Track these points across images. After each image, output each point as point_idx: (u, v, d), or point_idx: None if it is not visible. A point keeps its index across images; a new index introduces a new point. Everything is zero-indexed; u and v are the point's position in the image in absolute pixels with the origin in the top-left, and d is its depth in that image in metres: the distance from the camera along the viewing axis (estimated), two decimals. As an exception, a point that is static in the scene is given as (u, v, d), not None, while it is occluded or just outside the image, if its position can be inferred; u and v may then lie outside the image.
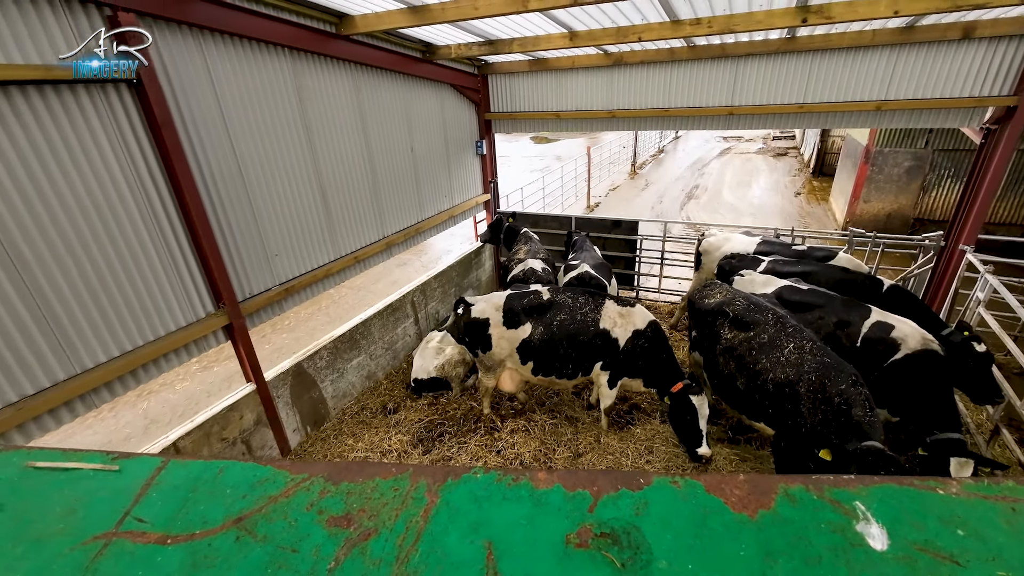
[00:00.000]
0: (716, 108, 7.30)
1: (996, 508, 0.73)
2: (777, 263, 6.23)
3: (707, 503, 0.78)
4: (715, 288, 5.34)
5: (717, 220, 16.06)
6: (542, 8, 4.46)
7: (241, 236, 4.88)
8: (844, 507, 0.75)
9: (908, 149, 12.41)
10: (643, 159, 26.76)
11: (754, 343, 4.49)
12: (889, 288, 5.52)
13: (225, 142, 4.58)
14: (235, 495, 0.87)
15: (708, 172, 23.41)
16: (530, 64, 8.22)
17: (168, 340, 4.33)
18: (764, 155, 27.21)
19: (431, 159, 7.76)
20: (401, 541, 0.76)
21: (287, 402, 5.63)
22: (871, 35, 6.14)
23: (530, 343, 5.21)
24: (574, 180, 19.07)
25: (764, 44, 6.68)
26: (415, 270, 12.86)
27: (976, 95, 6.06)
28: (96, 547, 0.79)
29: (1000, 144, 6.01)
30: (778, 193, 19.11)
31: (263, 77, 4.79)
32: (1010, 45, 5.76)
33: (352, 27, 5.45)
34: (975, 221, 6.41)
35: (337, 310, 10.96)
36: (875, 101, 6.47)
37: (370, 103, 6.28)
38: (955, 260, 6.61)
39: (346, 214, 6.17)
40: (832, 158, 19.68)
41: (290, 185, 5.32)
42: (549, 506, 0.80)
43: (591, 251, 7.66)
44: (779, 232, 8.01)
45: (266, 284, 5.24)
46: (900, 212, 13.01)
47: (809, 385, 3.99)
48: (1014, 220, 12.08)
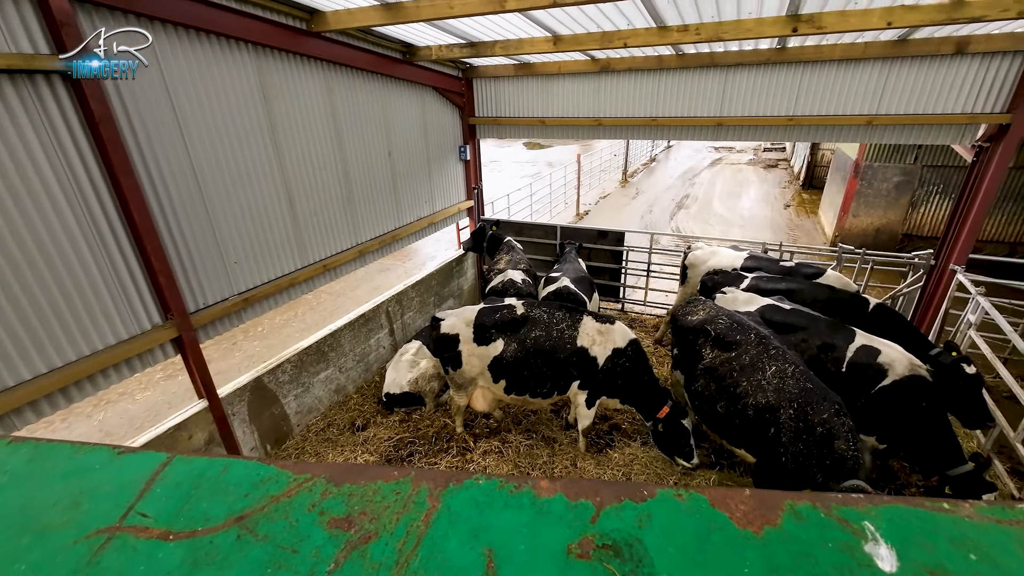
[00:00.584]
0: (705, 118, 7.10)
1: (1010, 533, 0.70)
2: (761, 279, 6.02)
3: (711, 517, 0.77)
4: (699, 305, 5.12)
5: (707, 231, 15.93)
6: (520, 8, 4.21)
7: (195, 243, 4.54)
8: (852, 526, 0.73)
9: (897, 164, 12.36)
10: (635, 167, 26.69)
11: (735, 364, 4.28)
12: (875, 307, 5.33)
13: (178, 142, 4.26)
14: (238, 493, 0.87)
15: (699, 182, 23.37)
16: (516, 68, 7.98)
17: (107, 355, 3.97)
18: (755, 166, 27.28)
19: (410, 164, 7.47)
20: (401, 545, 0.75)
21: (244, 419, 5.27)
22: (863, 48, 5.98)
23: (502, 361, 4.91)
24: (563, 187, 18.87)
25: (754, 54, 6.50)
26: (397, 276, 12.51)
27: (969, 112, 5.91)
28: (99, 540, 0.79)
29: (993, 162, 5.86)
30: (768, 205, 19.07)
31: (222, 73, 4.47)
32: (1004, 61, 5.62)
33: (324, 24, 5.17)
34: (966, 240, 6.25)
35: (314, 316, 10.60)
36: (866, 115, 6.31)
37: (344, 104, 5.99)
38: (945, 280, 6.44)
39: (315, 221, 5.85)
40: (821, 171, 19.71)
41: (252, 189, 4.99)
42: (551, 515, 0.79)
43: (575, 263, 7.40)
44: (767, 247, 7.82)
45: (223, 294, 4.90)
46: (889, 227, 12.95)
47: (790, 412, 3.77)
48: (1003, 238, 12.06)
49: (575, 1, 3.97)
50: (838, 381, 4.51)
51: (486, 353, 4.94)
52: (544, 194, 17.91)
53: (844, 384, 4.48)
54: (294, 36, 5.03)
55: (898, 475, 5.18)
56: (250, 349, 9.48)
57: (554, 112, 8.11)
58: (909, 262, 7.33)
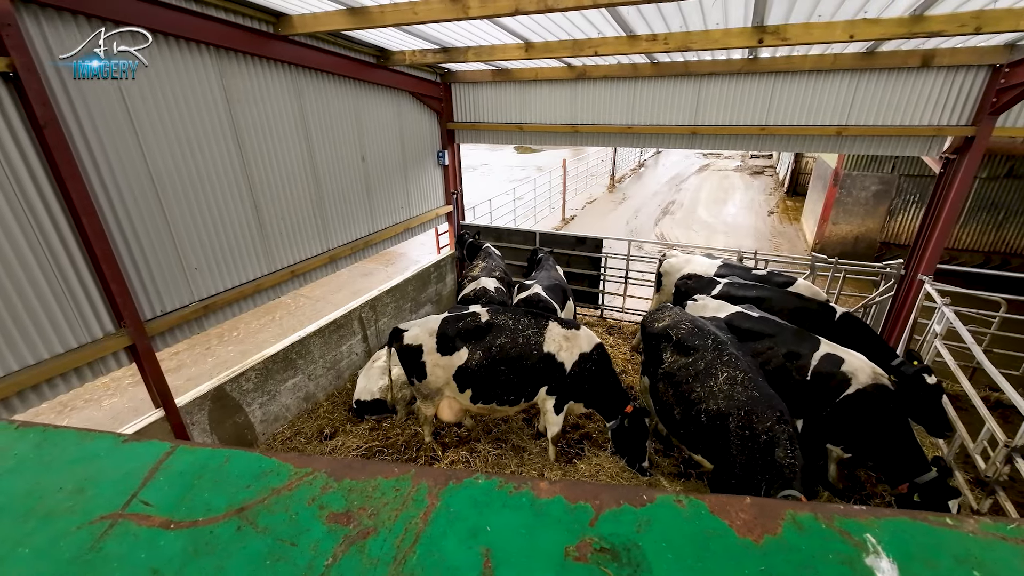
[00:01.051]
0: (679, 127, 7.12)
1: (1015, 550, 0.70)
2: (732, 287, 6.04)
3: (711, 524, 0.76)
4: (666, 311, 5.13)
5: (691, 237, 16.01)
6: (484, 15, 4.18)
7: (151, 249, 4.44)
8: (854, 538, 0.73)
9: (875, 173, 12.52)
10: (623, 173, 26.82)
11: (691, 370, 4.29)
12: (841, 316, 5.37)
13: (133, 145, 4.16)
14: (239, 484, 0.87)
15: (685, 188, 23.53)
16: (494, 74, 7.96)
17: (54, 364, 3.85)
18: (741, 173, 27.54)
19: (386, 169, 7.40)
20: (399, 542, 0.75)
21: (204, 429, 5.15)
22: (832, 59, 6.03)
23: (467, 370, 4.85)
24: (548, 193, 18.88)
25: (727, 64, 6.53)
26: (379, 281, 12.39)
27: (935, 124, 5.98)
28: (102, 527, 0.80)
29: (959, 174, 5.93)
30: (752, 212, 19.23)
31: (180, 76, 4.38)
32: (968, 75, 5.70)
33: (290, 27, 5.10)
34: (934, 250, 6.31)
35: (292, 321, 10.46)
36: (836, 126, 6.36)
37: (314, 108, 5.91)
38: (914, 289, 6.50)
39: (283, 226, 5.75)
40: (805, 178, 19.93)
41: (214, 194, 4.90)
42: (549, 517, 0.79)
43: (550, 270, 7.37)
44: (742, 255, 7.85)
45: (182, 300, 4.79)
46: (867, 235, 13.10)
47: (738, 420, 3.80)
48: (977, 247, 12.25)
49: (537, 9, 3.95)
50: (804, 389, 4.52)
51: (450, 363, 4.87)
52: (529, 199, 17.90)
53: (809, 393, 4.49)
54: (259, 39, 4.95)
55: (864, 485, 5.19)
56: (224, 355, 9.31)
57: (532, 118, 8.09)
58: (881, 271, 7.40)
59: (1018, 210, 11.57)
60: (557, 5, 3.89)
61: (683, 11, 4.68)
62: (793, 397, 4.56)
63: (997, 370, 4.31)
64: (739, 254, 7.82)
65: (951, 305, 5.54)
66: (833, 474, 4.95)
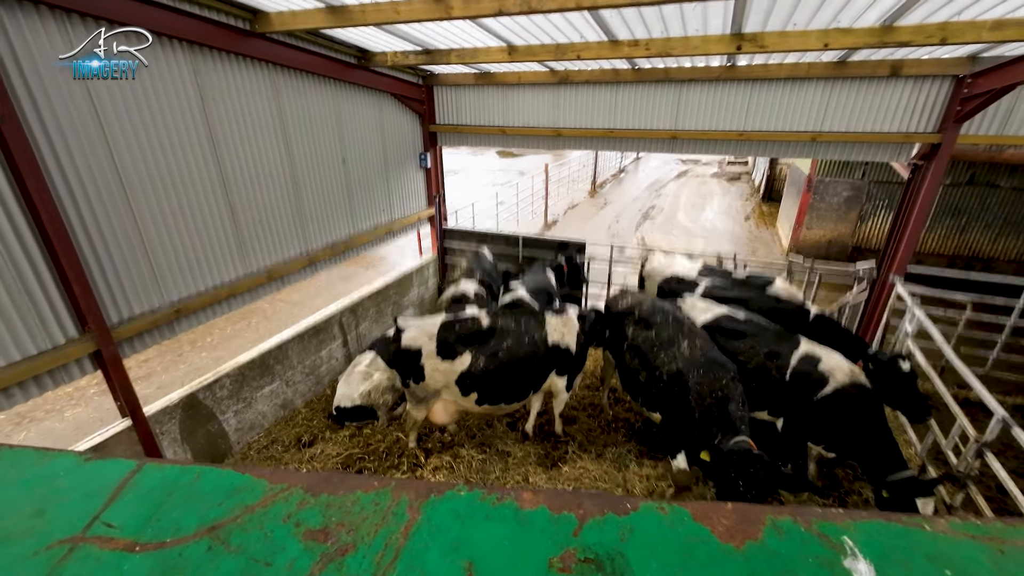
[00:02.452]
0: (660, 131, 7.22)
1: (984, 549, 0.72)
2: (715, 288, 6.16)
3: (693, 531, 0.77)
4: (627, 294, 5.71)
5: (671, 241, 16.24)
6: (467, 16, 4.15)
7: (119, 251, 4.25)
8: (832, 541, 0.74)
9: (847, 179, 12.92)
10: (604, 178, 27.10)
11: (653, 340, 4.83)
12: (815, 317, 5.52)
13: (99, 142, 3.99)
14: (211, 502, 0.84)
15: (665, 193, 23.90)
16: (476, 77, 7.94)
17: (10, 372, 3.64)
18: (719, 179, 28.14)
19: (367, 171, 7.29)
20: (379, 558, 0.74)
21: (175, 438, 4.94)
22: (807, 68, 6.20)
23: (472, 374, 4.77)
24: (531, 197, 18.93)
25: (706, 71, 6.65)
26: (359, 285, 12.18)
27: (904, 131, 6.20)
28: (62, 551, 0.77)
29: (926, 179, 6.15)
30: (730, 217, 19.63)
31: (151, 72, 4.23)
32: (934, 84, 5.93)
33: (268, 25, 4.99)
34: (904, 253, 6.52)
35: (268, 326, 10.18)
36: (810, 132, 6.54)
37: (293, 108, 5.78)
38: (886, 291, 6.70)
39: (259, 227, 5.60)
40: (780, 184, 20.45)
41: (186, 193, 4.73)
42: (533, 527, 0.78)
43: (539, 275, 7.35)
44: (722, 258, 7.98)
45: (152, 304, 4.60)
46: (840, 240, 13.50)
47: (696, 377, 4.27)
48: (942, 251, 12.74)
49: (521, 10, 3.94)
50: (783, 389, 4.61)
51: (452, 368, 4.77)
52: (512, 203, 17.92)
53: (789, 392, 4.58)
54: (235, 36, 4.82)
55: (842, 483, 5.29)
56: (197, 361, 9.00)
57: (515, 121, 8.10)
58: (854, 274, 7.61)
59: (979, 215, 12.09)
60: (540, 7, 3.89)
61: (664, 18, 4.74)
62: (774, 396, 4.62)
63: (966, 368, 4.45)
64: (719, 257, 7.95)
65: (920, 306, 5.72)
66: (813, 472, 5.03)
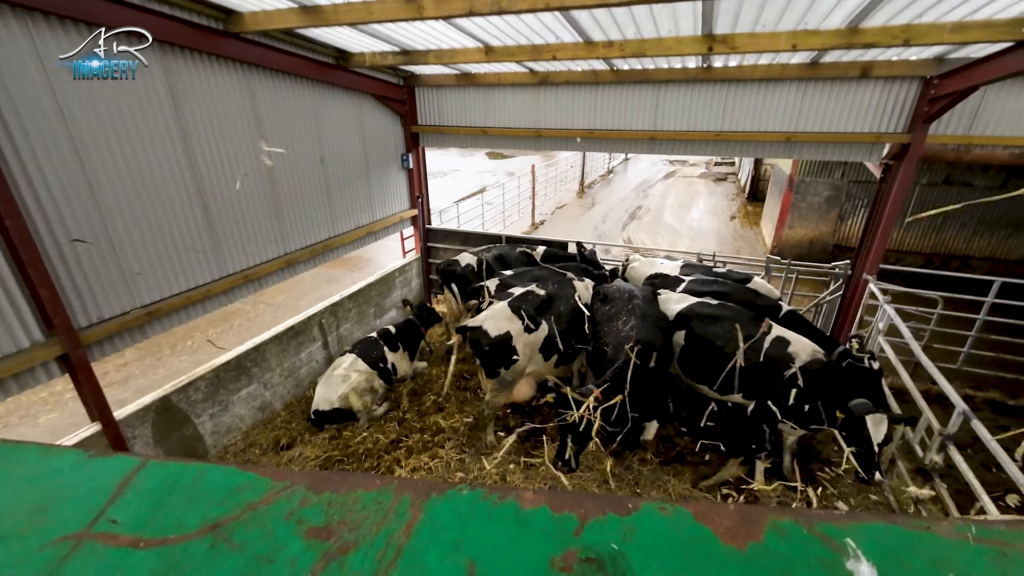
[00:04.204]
0: (639, 132, 7.29)
1: (987, 551, 0.72)
2: (696, 283, 6.26)
3: (695, 532, 0.76)
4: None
5: (657, 241, 16.36)
6: (438, 15, 4.16)
7: (87, 252, 4.19)
8: (834, 543, 0.74)
9: (827, 179, 13.12)
10: (592, 179, 27.24)
11: (607, 314, 5.30)
12: (786, 313, 5.64)
13: (64, 142, 3.93)
14: (213, 500, 0.85)
15: (652, 194, 24.08)
16: (457, 78, 7.95)
17: (-28, 376, 3.58)
18: (706, 179, 28.42)
19: (347, 172, 7.26)
20: (381, 557, 0.74)
21: (148, 443, 4.88)
22: (780, 69, 6.30)
23: (551, 339, 5.43)
24: (517, 198, 18.97)
25: (683, 72, 6.73)
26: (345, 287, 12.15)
27: (875, 131, 6.32)
28: (66, 547, 0.77)
29: (897, 179, 6.27)
30: (715, 217, 19.83)
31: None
32: (903, 85, 6.05)
33: (241, 24, 4.96)
34: (876, 251, 6.64)
35: (250, 329, 10.08)
36: (785, 132, 6.64)
37: (269, 109, 5.75)
38: (859, 289, 6.81)
39: (235, 228, 5.55)
40: (764, 184, 20.71)
41: (158, 195, 4.68)
42: (534, 527, 0.78)
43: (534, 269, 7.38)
44: (701, 257, 8.07)
45: (122, 307, 4.54)
46: (821, 239, 13.70)
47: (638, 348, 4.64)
48: (920, 249, 12.98)
49: (491, 10, 3.96)
50: (757, 370, 4.83)
51: (536, 339, 5.38)
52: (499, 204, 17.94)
53: (762, 373, 4.80)
54: (207, 36, 4.78)
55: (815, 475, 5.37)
56: (177, 365, 8.88)
57: (496, 122, 8.12)
58: (831, 272, 7.73)
59: (955, 214, 12.34)
60: (510, 7, 3.91)
61: (636, 19, 4.79)
62: (746, 377, 4.86)
63: (935, 364, 4.57)
64: (699, 256, 8.04)
65: (895, 303, 5.83)
66: (788, 465, 5.11)
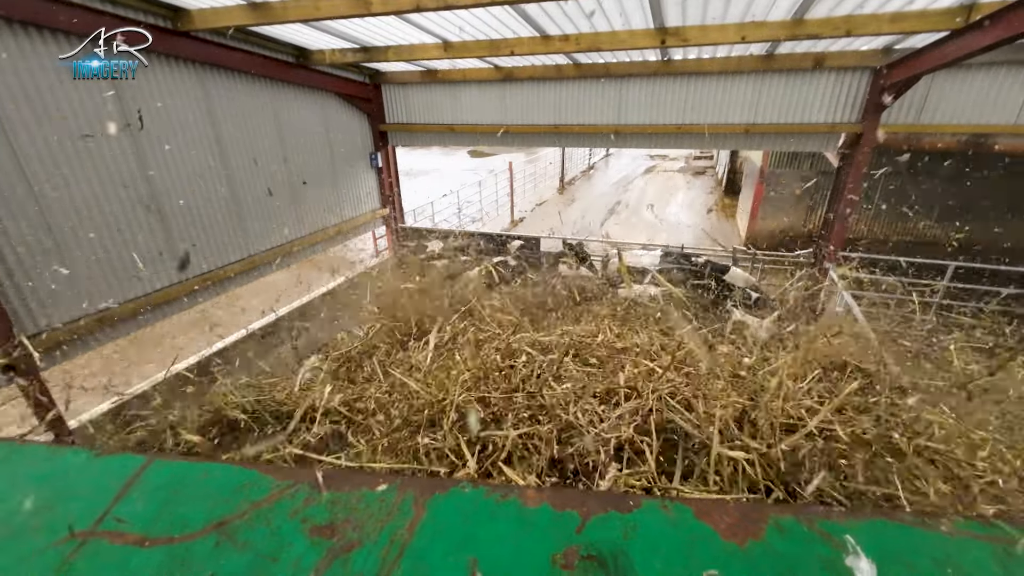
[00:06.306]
0: (603, 126, 7.35)
1: (989, 549, 0.72)
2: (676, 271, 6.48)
3: (696, 530, 0.77)
4: None
5: (634, 235, 16.50)
6: (386, 11, 4.15)
7: (31, 259, 4.10)
8: (834, 540, 0.74)
9: (796, 171, 13.36)
10: (573, 175, 27.34)
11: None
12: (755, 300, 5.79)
13: (2, 148, 3.83)
14: (218, 499, 0.85)
15: (632, 189, 24.28)
16: (423, 75, 7.92)
17: (-91, 387, 3.48)
18: (685, 174, 28.72)
19: (312, 172, 7.20)
20: (385, 554, 0.74)
21: (105, 450, 4.79)
22: (737, 61, 6.40)
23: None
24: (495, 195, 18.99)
25: (644, 65, 6.79)
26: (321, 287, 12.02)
27: (830, 122, 6.46)
28: (72, 545, 0.78)
29: (851, 168, 6.42)
30: (693, 210, 20.08)
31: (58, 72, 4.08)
32: (855, 76, 6.19)
33: (190, 23, 4.88)
34: (836, 239, 6.80)
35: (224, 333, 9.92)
36: (744, 124, 6.75)
37: (225, 109, 5.67)
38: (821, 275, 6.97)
39: (193, 231, 5.47)
40: (740, 177, 20.99)
41: (107, 200, 4.59)
42: (536, 525, 0.79)
43: None
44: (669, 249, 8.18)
45: (71, 314, 4.45)
46: (792, 229, 13.94)
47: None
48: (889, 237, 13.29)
49: (437, 6, 3.96)
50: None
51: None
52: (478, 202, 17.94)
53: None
54: (155, 35, 4.70)
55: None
56: (147, 372, 8.72)
57: (463, 119, 8.11)
58: (795, 261, 7.89)
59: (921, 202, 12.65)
60: (457, 2, 3.92)
61: (585, 11, 4.82)
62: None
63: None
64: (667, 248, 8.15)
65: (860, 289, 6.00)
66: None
